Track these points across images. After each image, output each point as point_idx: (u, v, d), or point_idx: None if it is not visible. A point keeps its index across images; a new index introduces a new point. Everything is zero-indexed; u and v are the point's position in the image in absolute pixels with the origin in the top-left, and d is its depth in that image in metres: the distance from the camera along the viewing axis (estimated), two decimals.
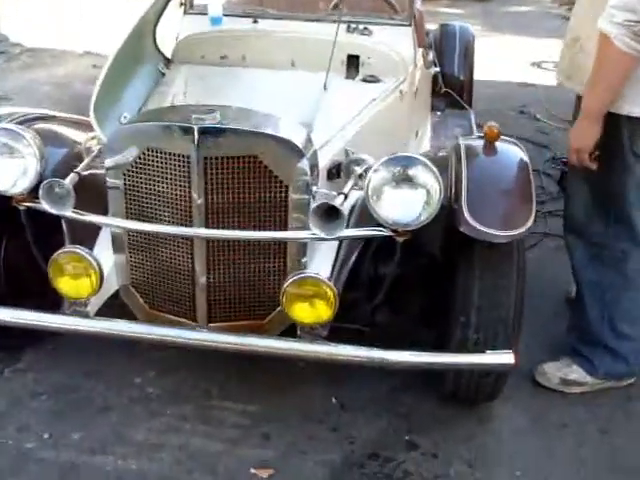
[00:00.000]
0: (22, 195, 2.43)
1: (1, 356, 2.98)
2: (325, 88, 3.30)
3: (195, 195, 2.28)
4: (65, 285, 2.36)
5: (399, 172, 2.21)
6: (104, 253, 2.52)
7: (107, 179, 2.42)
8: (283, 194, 2.33)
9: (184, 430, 2.67)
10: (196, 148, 2.22)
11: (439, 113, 4.72)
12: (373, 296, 2.49)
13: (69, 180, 2.38)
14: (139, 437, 2.63)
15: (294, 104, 3.27)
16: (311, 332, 2.32)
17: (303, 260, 2.43)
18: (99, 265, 2.33)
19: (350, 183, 2.43)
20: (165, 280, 2.49)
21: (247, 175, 2.29)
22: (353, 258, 2.40)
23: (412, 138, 3.84)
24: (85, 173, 2.46)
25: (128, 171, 2.37)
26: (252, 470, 2.49)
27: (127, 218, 2.44)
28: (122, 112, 2.86)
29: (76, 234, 2.49)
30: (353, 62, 3.44)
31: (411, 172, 2.22)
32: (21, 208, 2.48)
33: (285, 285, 2.24)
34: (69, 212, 2.36)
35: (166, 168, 2.30)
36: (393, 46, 3.46)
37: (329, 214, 2.22)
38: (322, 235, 2.23)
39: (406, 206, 2.22)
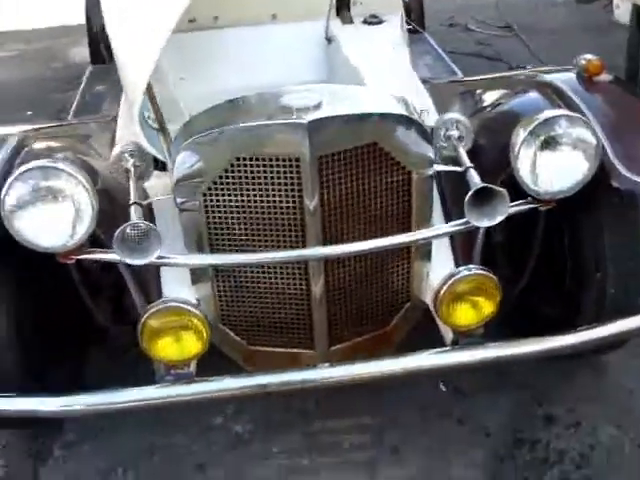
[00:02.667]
0: (74, 247, 1.86)
1: (42, 431, 2.44)
2: (328, 39, 2.89)
3: (307, 202, 1.83)
4: (165, 350, 1.87)
5: (546, 133, 1.86)
6: (176, 287, 2.03)
7: (177, 198, 1.91)
8: (406, 182, 1.93)
9: (305, 469, 2.29)
10: (309, 147, 1.77)
11: None
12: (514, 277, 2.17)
13: (135, 212, 1.84)
14: None
15: (301, 67, 2.85)
16: (467, 335, 1.98)
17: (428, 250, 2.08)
18: (203, 312, 1.87)
19: (463, 151, 2.04)
20: (269, 307, 2.04)
21: (367, 168, 1.86)
22: (481, 237, 2.02)
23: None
24: (145, 202, 1.94)
25: (209, 189, 1.88)
26: None
27: (210, 243, 1.95)
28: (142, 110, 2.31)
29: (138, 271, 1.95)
30: (343, 3, 3.03)
31: (561, 130, 1.86)
32: (69, 262, 1.91)
33: (443, 289, 1.87)
34: (154, 258, 1.81)
35: (267, 177, 1.83)
36: None
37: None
38: (484, 224, 1.84)
39: (564, 171, 1.88)
